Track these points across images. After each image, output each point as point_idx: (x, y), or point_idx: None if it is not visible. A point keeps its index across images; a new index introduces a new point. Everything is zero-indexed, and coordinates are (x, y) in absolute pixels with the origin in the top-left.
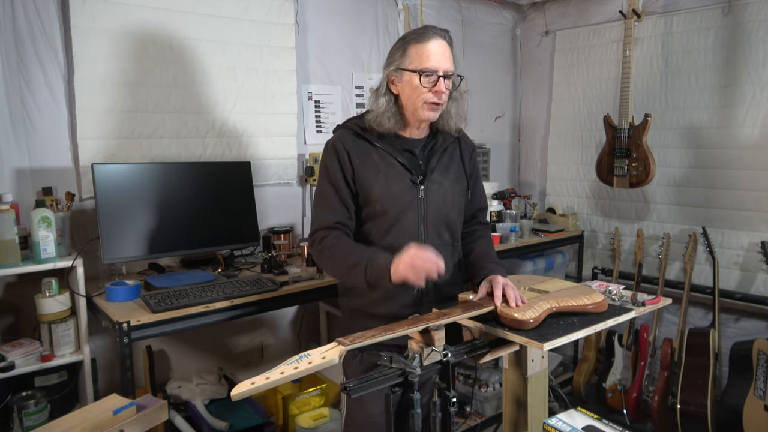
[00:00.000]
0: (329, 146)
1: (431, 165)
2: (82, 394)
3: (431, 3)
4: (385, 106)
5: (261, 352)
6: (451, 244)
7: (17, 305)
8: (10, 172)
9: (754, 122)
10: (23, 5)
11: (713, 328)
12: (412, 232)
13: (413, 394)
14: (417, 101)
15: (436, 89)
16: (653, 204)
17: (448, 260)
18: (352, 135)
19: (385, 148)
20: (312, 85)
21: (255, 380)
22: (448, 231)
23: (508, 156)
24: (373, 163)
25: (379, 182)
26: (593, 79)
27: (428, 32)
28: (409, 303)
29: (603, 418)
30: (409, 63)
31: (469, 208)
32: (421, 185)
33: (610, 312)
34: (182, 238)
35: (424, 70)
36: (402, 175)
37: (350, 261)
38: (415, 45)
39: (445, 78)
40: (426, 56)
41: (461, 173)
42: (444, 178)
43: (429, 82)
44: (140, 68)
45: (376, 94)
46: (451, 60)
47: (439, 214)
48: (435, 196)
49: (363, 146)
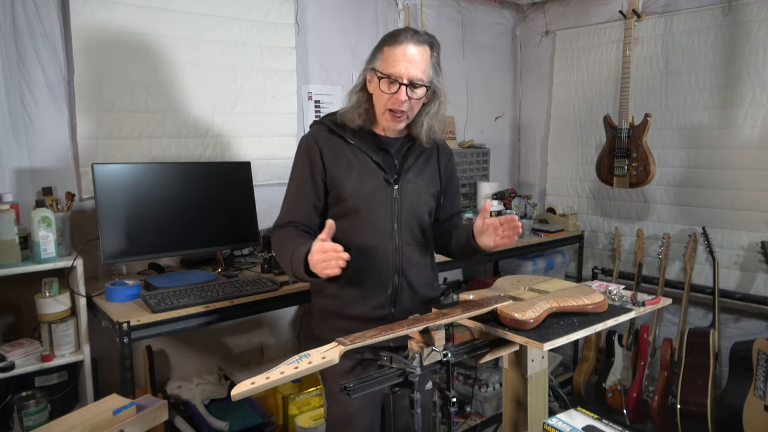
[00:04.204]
0: (302, 143)
1: (407, 164)
2: (82, 394)
3: (431, 3)
4: (355, 103)
5: (261, 352)
6: (423, 244)
7: (17, 305)
8: (10, 172)
9: (753, 122)
10: (23, 5)
11: (713, 328)
12: (386, 231)
13: (413, 394)
14: (381, 107)
15: (395, 97)
16: (653, 204)
17: (421, 260)
18: (326, 131)
19: (359, 145)
20: (312, 85)
21: (255, 380)
22: (421, 231)
23: (508, 156)
24: (347, 160)
25: (352, 179)
26: (593, 79)
27: (402, 35)
28: (382, 304)
29: (603, 418)
30: (379, 65)
31: (447, 210)
32: (395, 184)
33: (610, 312)
34: (182, 238)
35: (388, 75)
36: (375, 173)
37: (284, 257)
38: (388, 47)
39: (411, 87)
40: (392, 61)
41: (436, 176)
42: (419, 179)
43: (389, 89)
44: (140, 68)
45: (352, 91)
46: (422, 68)
47: (413, 214)
48: (409, 195)
49: (337, 143)
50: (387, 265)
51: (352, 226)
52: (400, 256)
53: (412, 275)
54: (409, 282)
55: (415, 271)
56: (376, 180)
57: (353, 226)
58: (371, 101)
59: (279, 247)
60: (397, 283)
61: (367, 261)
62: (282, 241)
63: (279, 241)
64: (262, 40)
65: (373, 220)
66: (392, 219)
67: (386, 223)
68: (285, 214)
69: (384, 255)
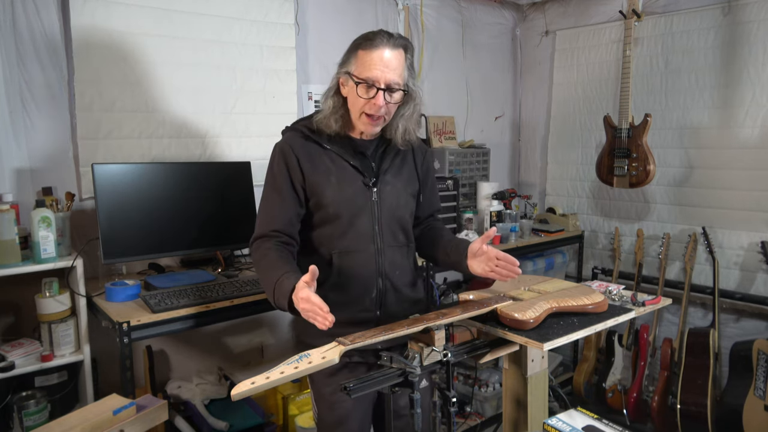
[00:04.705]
0: (277, 151)
1: (384, 166)
2: (82, 394)
3: (431, 3)
4: (332, 109)
5: (261, 352)
6: (405, 245)
7: (17, 305)
8: (10, 172)
9: (753, 122)
10: (23, 5)
11: (713, 328)
12: (367, 235)
13: (413, 393)
14: (356, 111)
15: (373, 101)
16: (653, 204)
17: (404, 261)
18: (301, 138)
19: (336, 150)
20: (312, 85)
21: (255, 380)
22: (403, 232)
23: (508, 156)
24: (324, 167)
25: (331, 185)
26: (593, 79)
27: (377, 39)
28: (368, 307)
29: (603, 418)
30: (354, 69)
31: (426, 209)
32: (374, 187)
33: (610, 312)
34: (182, 238)
35: (365, 80)
36: (354, 177)
37: (266, 284)
38: (363, 51)
39: (388, 91)
40: (369, 65)
41: (413, 176)
42: (397, 180)
43: (367, 94)
44: (140, 68)
45: (326, 95)
46: (398, 71)
47: (393, 216)
48: (388, 197)
49: (313, 149)
50: (370, 268)
51: (334, 232)
52: (383, 259)
53: (396, 277)
54: (393, 284)
55: (399, 272)
56: (354, 184)
57: (335, 232)
58: (346, 105)
59: (261, 270)
60: (381, 286)
61: (350, 265)
62: (264, 262)
63: (260, 262)
64: (262, 40)
65: (354, 225)
66: (373, 222)
67: (367, 227)
68: (266, 223)
69: (367, 258)
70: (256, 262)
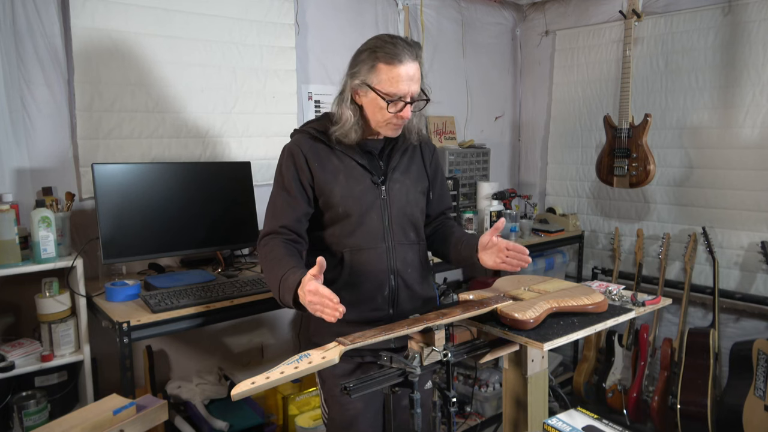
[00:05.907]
0: (286, 152)
1: (392, 164)
2: (82, 394)
3: (431, 3)
4: (352, 120)
5: (261, 352)
6: (416, 243)
7: (17, 305)
8: (10, 172)
9: (753, 122)
10: (23, 5)
11: (713, 328)
12: (378, 232)
13: (413, 393)
14: (380, 121)
15: (401, 114)
16: (653, 204)
17: (415, 259)
18: (310, 139)
19: (344, 150)
20: (312, 85)
21: (255, 380)
22: (413, 229)
23: (508, 156)
24: (333, 166)
25: (340, 185)
26: (593, 79)
27: (400, 52)
28: (381, 305)
29: (603, 418)
30: (377, 83)
31: (437, 207)
32: (383, 185)
33: (610, 312)
34: (182, 238)
35: (392, 97)
36: (362, 176)
37: (271, 280)
38: (386, 66)
39: (411, 102)
40: (396, 81)
41: (422, 173)
42: (405, 177)
43: (396, 108)
44: (140, 68)
45: (341, 104)
46: (419, 80)
47: (403, 213)
48: (397, 195)
49: (321, 150)
50: (382, 266)
51: (344, 231)
52: (394, 257)
53: (408, 274)
54: (406, 282)
55: (410, 270)
56: (363, 183)
57: (345, 231)
58: (362, 113)
59: (267, 266)
60: (393, 284)
61: (361, 262)
62: (270, 258)
63: (267, 258)
64: (262, 41)
65: (365, 224)
66: (383, 220)
67: (377, 225)
68: (273, 221)
69: (378, 256)
70: (262, 258)
